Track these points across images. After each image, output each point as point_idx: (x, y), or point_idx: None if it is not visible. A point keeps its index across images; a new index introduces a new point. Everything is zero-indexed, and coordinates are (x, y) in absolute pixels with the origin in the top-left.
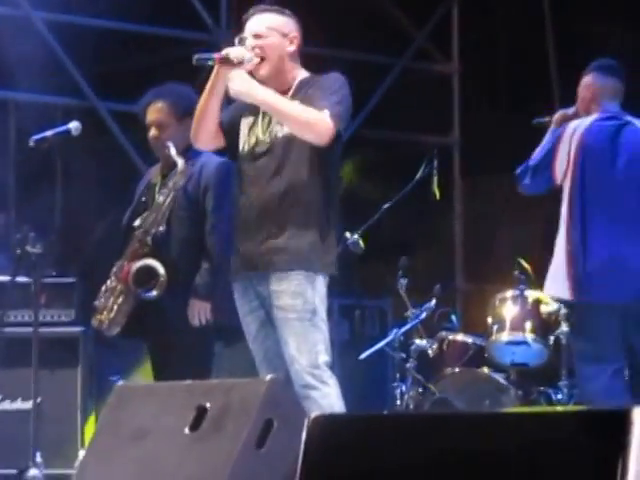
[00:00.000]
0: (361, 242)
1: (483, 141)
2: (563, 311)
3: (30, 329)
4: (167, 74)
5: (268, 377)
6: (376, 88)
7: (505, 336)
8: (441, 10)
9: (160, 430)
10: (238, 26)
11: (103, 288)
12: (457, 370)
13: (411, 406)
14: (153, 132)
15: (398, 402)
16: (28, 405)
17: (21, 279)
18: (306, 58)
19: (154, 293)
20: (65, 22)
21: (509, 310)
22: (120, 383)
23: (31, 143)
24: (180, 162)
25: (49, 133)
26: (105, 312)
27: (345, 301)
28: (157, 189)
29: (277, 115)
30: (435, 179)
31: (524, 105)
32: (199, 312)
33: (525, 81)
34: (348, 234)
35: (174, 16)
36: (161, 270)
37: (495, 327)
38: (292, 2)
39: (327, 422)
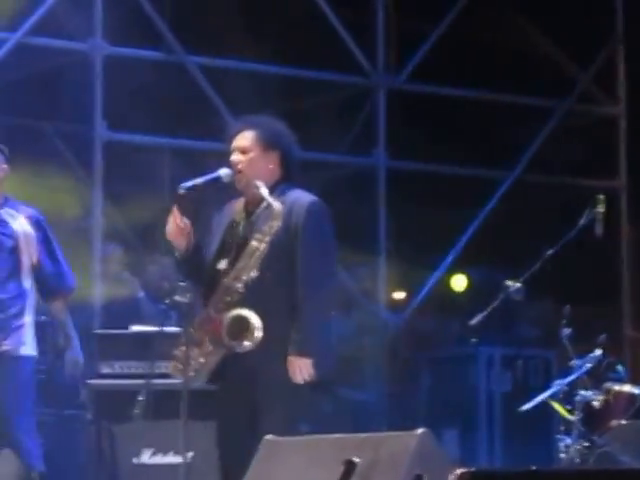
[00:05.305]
0: (523, 290)
1: None
2: None
3: (180, 381)
4: (325, 117)
5: (418, 431)
6: (539, 132)
7: None
8: (606, 51)
9: None
10: (394, 69)
11: (183, 336)
12: (623, 423)
13: (577, 460)
14: (235, 156)
15: (563, 456)
16: (180, 459)
17: (171, 329)
18: (468, 102)
19: (247, 344)
20: (220, 67)
21: None
22: (269, 437)
23: (181, 191)
24: (277, 205)
25: (199, 180)
26: (188, 362)
27: (507, 351)
28: (241, 228)
29: None
30: (600, 224)
31: None
32: (300, 369)
33: None
34: (509, 282)
35: (331, 59)
36: (255, 321)
37: None
38: (447, 44)
39: (474, 478)
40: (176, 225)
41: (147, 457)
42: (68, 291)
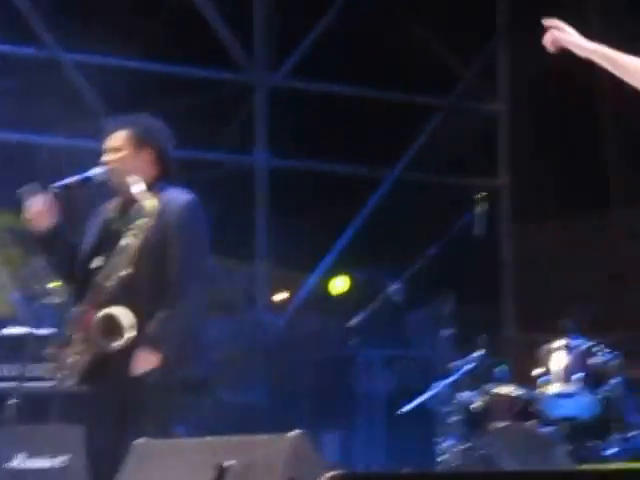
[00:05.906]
0: (403, 291)
1: (534, 185)
2: (614, 362)
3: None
4: (205, 115)
5: (292, 434)
6: (422, 129)
7: (553, 388)
8: (488, 48)
9: None
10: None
11: (56, 337)
12: (504, 424)
13: (457, 462)
14: (107, 156)
15: (443, 457)
16: (53, 463)
17: (44, 331)
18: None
19: (117, 344)
20: (95, 64)
21: (557, 361)
22: (141, 440)
23: (53, 190)
24: (149, 202)
25: (72, 180)
26: (62, 364)
27: (389, 352)
28: (115, 226)
29: None
30: (480, 223)
31: (575, 148)
32: (142, 363)
33: (575, 122)
34: (390, 282)
35: (211, 57)
36: (126, 320)
37: (543, 379)
38: (328, 40)
39: None
40: (35, 205)
41: (21, 461)
42: None
